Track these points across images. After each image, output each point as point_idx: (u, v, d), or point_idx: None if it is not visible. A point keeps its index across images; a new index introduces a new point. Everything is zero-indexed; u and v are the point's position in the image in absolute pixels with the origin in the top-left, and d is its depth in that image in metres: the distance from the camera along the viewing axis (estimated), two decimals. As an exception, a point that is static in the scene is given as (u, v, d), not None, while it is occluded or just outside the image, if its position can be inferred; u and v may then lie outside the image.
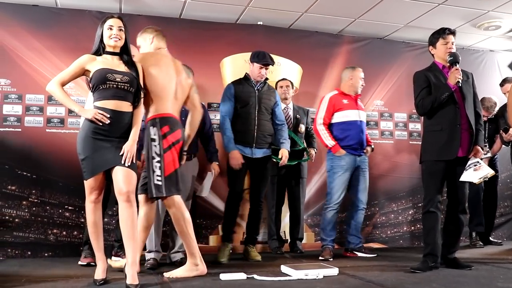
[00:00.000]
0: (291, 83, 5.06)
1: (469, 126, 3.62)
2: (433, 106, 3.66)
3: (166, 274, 3.36)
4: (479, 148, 3.66)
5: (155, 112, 3.35)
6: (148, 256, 3.93)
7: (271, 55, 4.41)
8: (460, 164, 3.62)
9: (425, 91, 3.73)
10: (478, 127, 3.70)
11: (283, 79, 5.10)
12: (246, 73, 4.43)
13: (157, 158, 3.27)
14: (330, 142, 4.51)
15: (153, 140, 3.29)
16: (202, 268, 3.40)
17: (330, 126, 4.60)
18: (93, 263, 3.93)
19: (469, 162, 3.62)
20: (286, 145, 4.40)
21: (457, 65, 3.64)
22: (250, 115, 4.23)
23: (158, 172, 3.26)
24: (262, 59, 4.29)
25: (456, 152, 3.59)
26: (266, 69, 4.33)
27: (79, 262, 4.03)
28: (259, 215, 4.39)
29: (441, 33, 3.80)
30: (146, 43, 3.62)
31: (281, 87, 4.99)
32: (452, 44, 3.75)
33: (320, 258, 4.37)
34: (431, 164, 3.69)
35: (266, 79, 4.41)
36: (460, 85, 3.58)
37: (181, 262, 3.95)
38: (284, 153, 4.33)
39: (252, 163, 4.26)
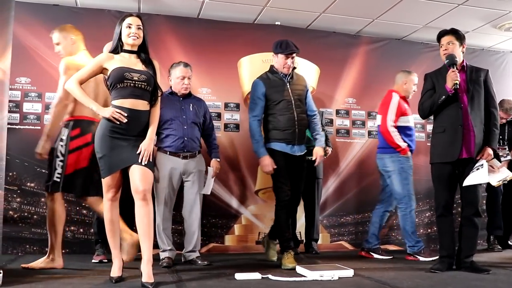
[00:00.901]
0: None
1: (473, 126, 3.56)
2: (432, 110, 3.70)
3: (24, 265, 3.61)
4: (488, 149, 3.57)
5: (71, 114, 3.64)
6: (163, 255, 3.97)
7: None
8: (468, 166, 3.57)
9: (428, 94, 3.76)
10: (491, 127, 3.63)
11: None
12: (272, 65, 4.11)
13: (61, 158, 3.57)
14: (402, 143, 4.51)
15: (62, 140, 3.60)
16: (59, 262, 3.65)
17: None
18: (105, 261, 3.99)
19: (476, 165, 3.55)
20: (320, 141, 4.11)
21: (454, 67, 3.60)
22: (289, 111, 3.91)
23: (59, 170, 3.57)
24: (286, 48, 3.98)
25: (458, 153, 3.56)
26: (292, 58, 4.00)
27: (92, 260, 4.09)
28: (294, 215, 4.16)
29: (437, 37, 3.82)
30: (67, 42, 3.74)
31: None
32: (449, 44, 3.71)
33: (430, 259, 4.26)
34: (437, 167, 3.69)
35: (294, 68, 4.08)
36: (457, 87, 3.54)
37: (196, 261, 4.01)
38: (318, 153, 4.05)
39: (292, 161, 3.97)
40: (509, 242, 5.46)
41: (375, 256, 4.56)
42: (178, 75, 4.11)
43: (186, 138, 4.01)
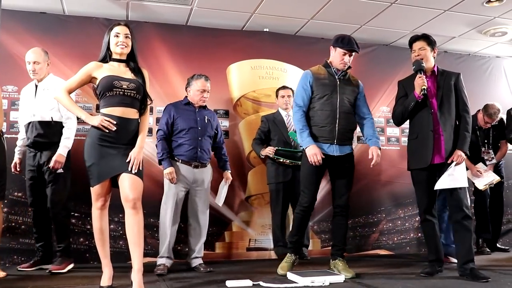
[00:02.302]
0: (293, 91, 4.97)
1: (443, 131, 3.57)
2: (404, 116, 3.74)
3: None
4: (459, 151, 3.54)
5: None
6: (160, 261, 3.98)
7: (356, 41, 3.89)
8: (442, 170, 3.57)
9: (400, 101, 3.81)
10: (462, 130, 3.61)
11: (284, 87, 5.04)
12: (327, 60, 3.92)
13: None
14: None
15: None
16: None
17: None
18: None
19: (448, 168, 3.54)
20: (375, 141, 3.84)
21: (421, 73, 3.61)
22: (331, 108, 3.72)
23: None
24: (347, 44, 3.76)
25: (430, 159, 3.57)
26: (350, 55, 3.80)
27: None
28: (345, 223, 3.88)
29: (409, 42, 3.84)
30: None
31: (283, 96, 4.95)
32: (421, 49, 3.71)
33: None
34: (415, 173, 3.74)
35: (349, 67, 3.89)
36: (425, 92, 3.57)
37: (199, 268, 4.05)
38: (374, 152, 3.78)
39: (332, 162, 3.75)
40: (497, 245, 5.50)
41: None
42: (199, 87, 4.21)
43: (199, 149, 4.13)
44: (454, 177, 3.50)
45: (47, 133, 4.06)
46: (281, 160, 4.70)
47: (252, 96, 5.47)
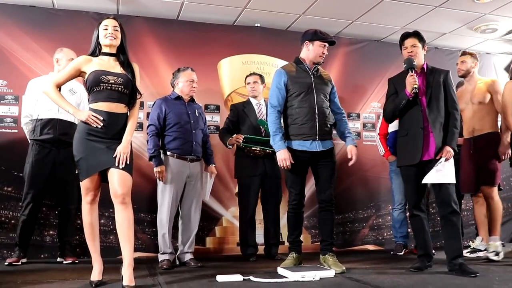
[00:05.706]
0: (261, 77, 4.77)
1: (432, 128, 3.57)
2: (395, 114, 3.74)
3: None
4: (447, 147, 3.55)
5: None
6: (162, 257, 3.98)
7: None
8: (430, 166, 3.57)
9: (391, 99, 3.79)
10: (451, 127, 3.61)
11: (251, 74, 4.79)
12: (297, 57, 3.89)
13: None
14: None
15: None
16: None
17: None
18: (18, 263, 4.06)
19: (436, 164, 3.54)
20: (352, 140, 3.87)
21: (412, 71, 3.62)
22: (309, 104, 3.68)
23: None
24: (326, 36, 3.78)
25: (419, 156, 3.58)
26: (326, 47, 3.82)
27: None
28: (331, 217, 3.86)
29: (400, 39, 3.82)
30: None
31: (248, 83, 4.72)
32: (413, 46, 3.71)
33: (391, 253, 5.03)
34: (404, 170, 3.74)
35: (319, 63, 3.84)
36: (416, 91, 3.57)
37: (190, 263, 4.05)
38: (353, 151, 3.80)
39: (315, 158, 3.72)
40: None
41: None
42: (188, 78, 4.20)
43: (194, 142, 4.11)
44: (443, 172, 3.51)
45: (70, 132, 4.05)
46: (252, 148, 4.44)
47: (243, 91, 5.45)
